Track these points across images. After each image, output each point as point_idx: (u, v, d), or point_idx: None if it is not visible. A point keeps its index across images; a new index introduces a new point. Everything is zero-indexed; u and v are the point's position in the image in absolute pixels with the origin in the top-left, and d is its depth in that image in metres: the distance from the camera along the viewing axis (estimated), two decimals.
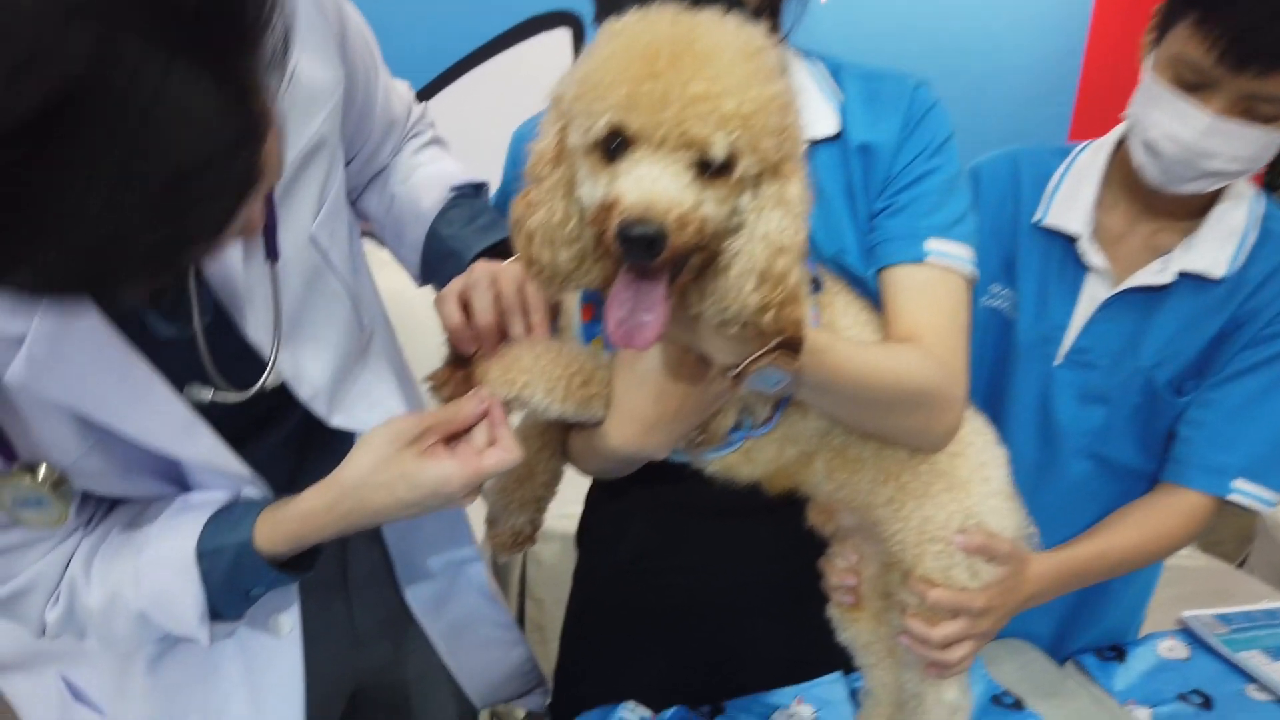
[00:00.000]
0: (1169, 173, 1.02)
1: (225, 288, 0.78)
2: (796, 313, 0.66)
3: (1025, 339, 1.16)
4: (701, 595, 1.10)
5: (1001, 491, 0.92)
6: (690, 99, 0.59)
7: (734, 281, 0.65)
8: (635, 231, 0.59)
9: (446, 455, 0.76)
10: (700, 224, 0.62)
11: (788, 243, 0.64)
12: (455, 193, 1.03)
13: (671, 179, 0.60)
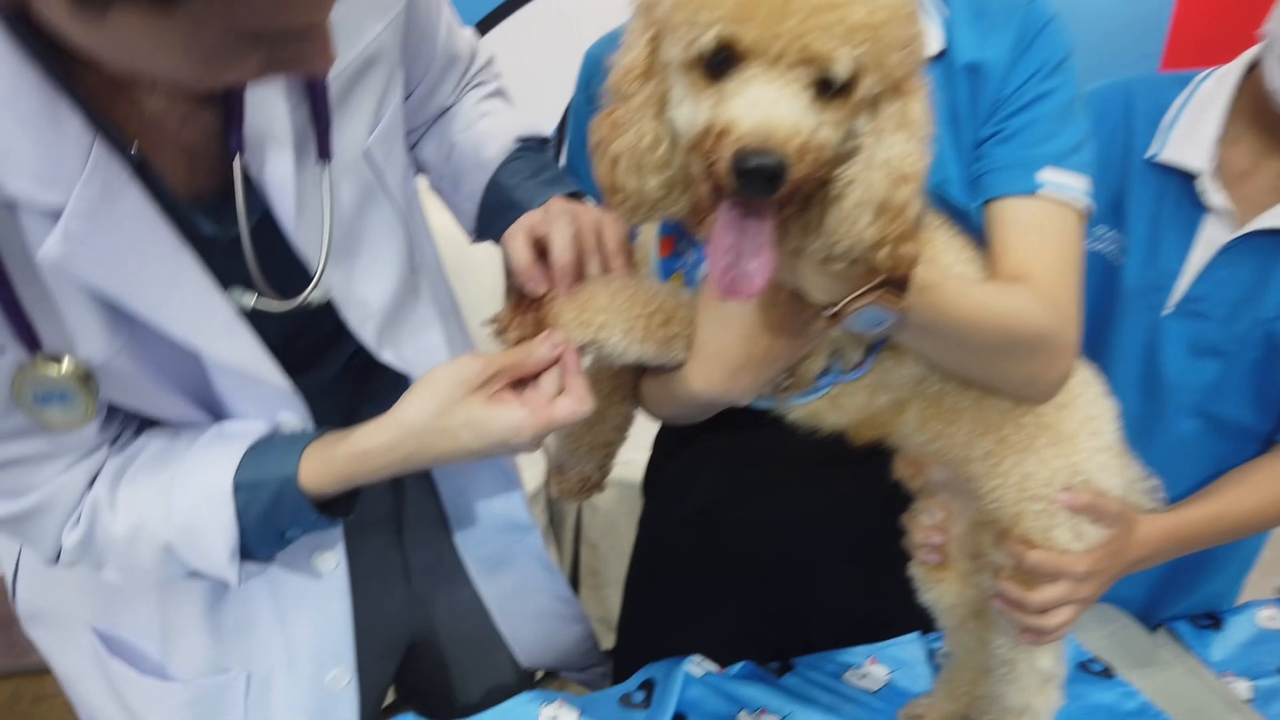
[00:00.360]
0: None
1: (275, 188, 0.73)
2: (914, 249, 0.59)
3: (1132, 286, 1.07)
4: (774, 550, 1.05)
5: (1111, 447, 0.85)
6: (814, 7, 0.51)
7: (849, 213, 0.58)
8: (753, 163, 0.52)
9: (516, 402, 0.71)
10: (819, 152, 0.55)
11: (910, 170, 0.57)
12: (520, 144, 0.97)
13: (790, 101, 0.53)
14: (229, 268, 0.72)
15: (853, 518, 1.02)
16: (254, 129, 0.70)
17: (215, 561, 0.76)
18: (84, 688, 0.93)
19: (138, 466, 0.77)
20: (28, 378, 0.66)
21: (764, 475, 1.02)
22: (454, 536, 1.04)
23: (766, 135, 0.52)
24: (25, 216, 0.62)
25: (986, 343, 0.73)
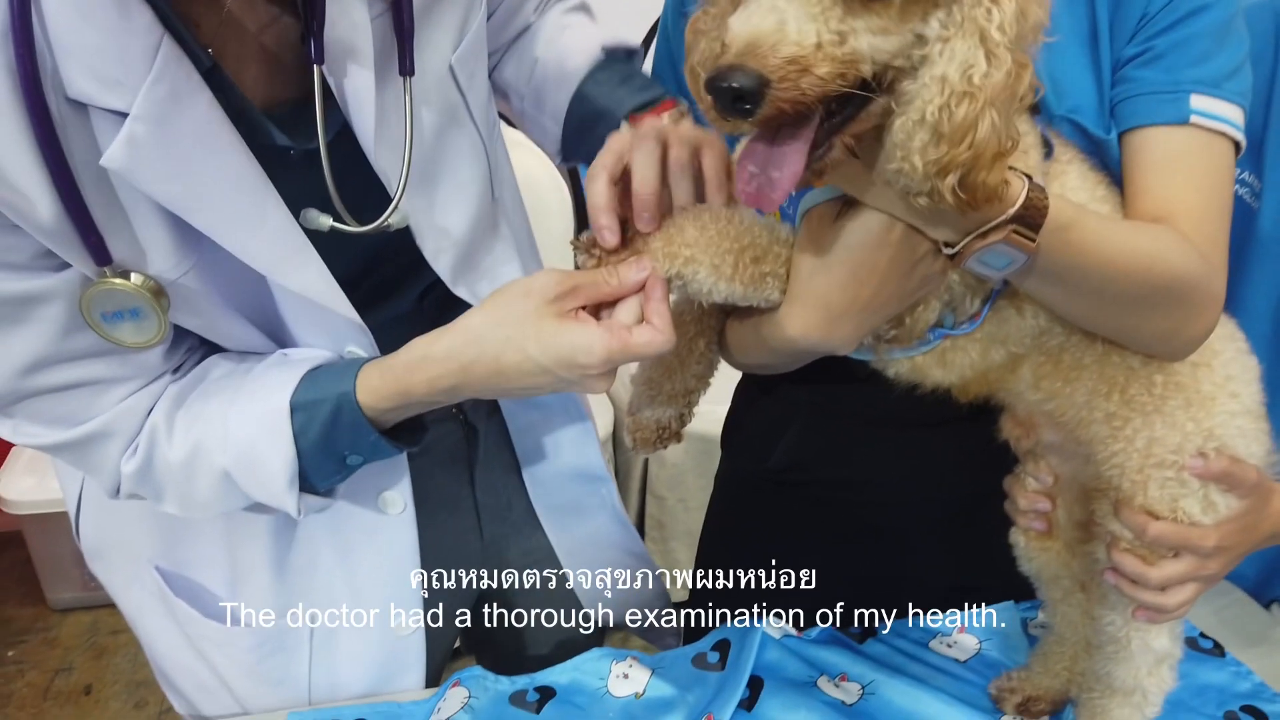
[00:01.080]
0: None
1: (355, 101, 0.69)
2: (995, 177, 0.52)
3: (1268, 234, 0.97)
4: (862, 512, 1.00)
5: (1251, 411, 0.77)
6: None
7: (900, 135, 0.52)
8: (722, 81, 0.47)
9: (594, 323, 0.65)
10: (848, 61, 0.49)
11: (975, 84, 0.50)
12: (606, 54, 0.92)
13: (797, 6, 0.48)
14: (304, 185, 0.69)
15: (947, 480, 0.96)
16: (334, 38, 0.66)
17: (274, 489, 0.73)
18: (148, 623, 0.93)
19: (197, 393, 0.74)
20: (96, 293, 0.64)
21: (854, 432, 0.96)
22: (526, 484, 1.01)
23: (747, 47, 0.47)
24: (96, 118, 0.59)
25: (1126, 291, 0.65)
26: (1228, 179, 0.73)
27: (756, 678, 0.94)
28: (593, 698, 0.93)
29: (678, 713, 0.91)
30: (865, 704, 0.93)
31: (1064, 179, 0.70)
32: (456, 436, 0.97)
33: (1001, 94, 0.52)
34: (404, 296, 0.85)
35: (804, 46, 0.48)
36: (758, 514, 1.06)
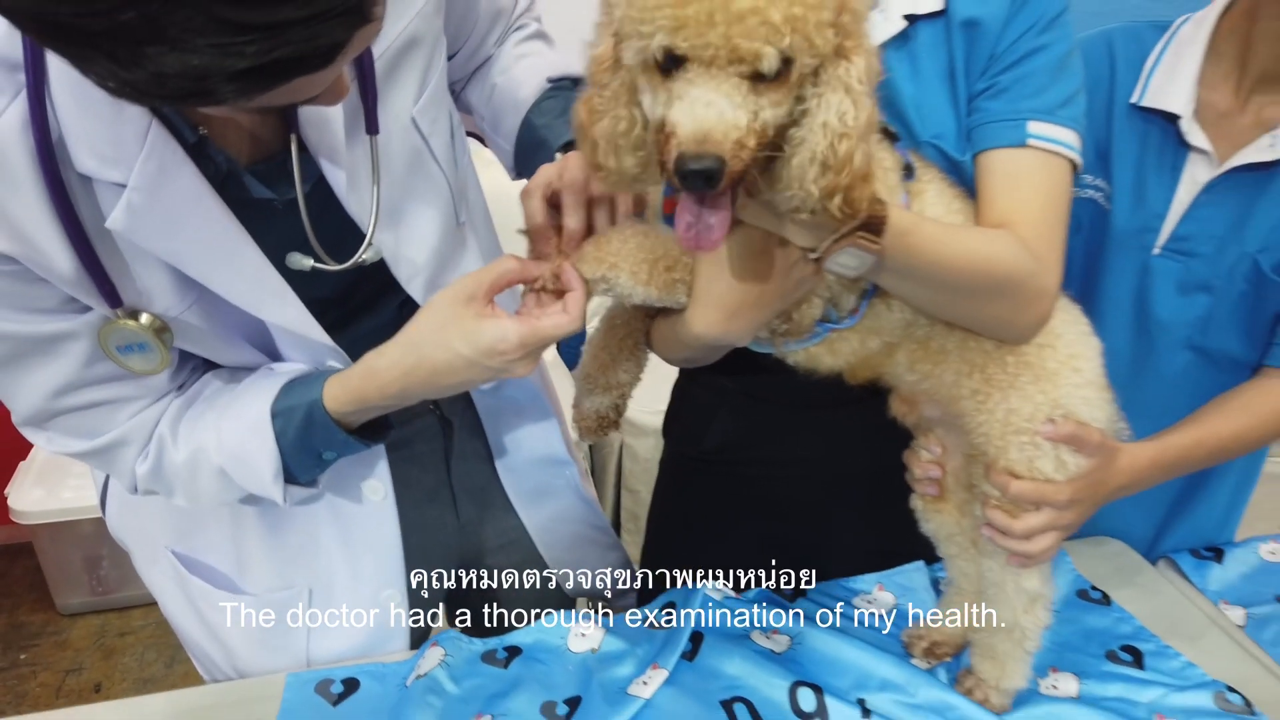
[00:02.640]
0: None
1: (328, 160, 0.81)
2: (866, 192, 0.65)
3: (1121, 229, 1.11)
4: (786, 485, 1.13)
5: (1093, 382, 0.90)
6: (735, 15, 0.57)
7: (796, 171, 0.64)
8: (692, 167, 0.58)
9: (506, 316, 0.78)
10: (761, 133, 0.61)
11: (849, 126, 0.63)
12: (552, 84, 1.04)
13: (725, 99, 0.59)
14: (288, 230, 0.81)
15: (859, 454, 1.09)
16: (307, 108, 0.78)
17: (263, 482, 0.86)
18: (166, 599, 1.06)
19: (196, 405, 0.88)
20: (111, 330, 0.77)
21: (775, 415, 1.10)
22: (498, 470, 1.13)
23: (703, 139, 0.58)
24: (100, 188, 0.72)
25: (962, 284, 0.79)
26: (1063, 191, 0.86)
27: (698, 633, 1.07)
28: (554, 654, 1.06)
29: (628, 664, 1.04)
30: (793, 652, 1.06)
31: (924, 196, 0.84)
32: (433, 429, 1.09)
33: (866, 130, 0.66)
34: (383, 311, 0.98)
35: (740, 129, 0.60)
36: (696, 492, 1.19)
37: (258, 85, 0.55)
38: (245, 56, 0.52)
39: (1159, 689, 1.01)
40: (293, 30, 0.52)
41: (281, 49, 0.53)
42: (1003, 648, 0.97)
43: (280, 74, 0.55)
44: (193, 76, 0.52)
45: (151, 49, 0.51)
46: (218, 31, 0.50)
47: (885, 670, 1.01)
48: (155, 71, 0.52)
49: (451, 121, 0.98)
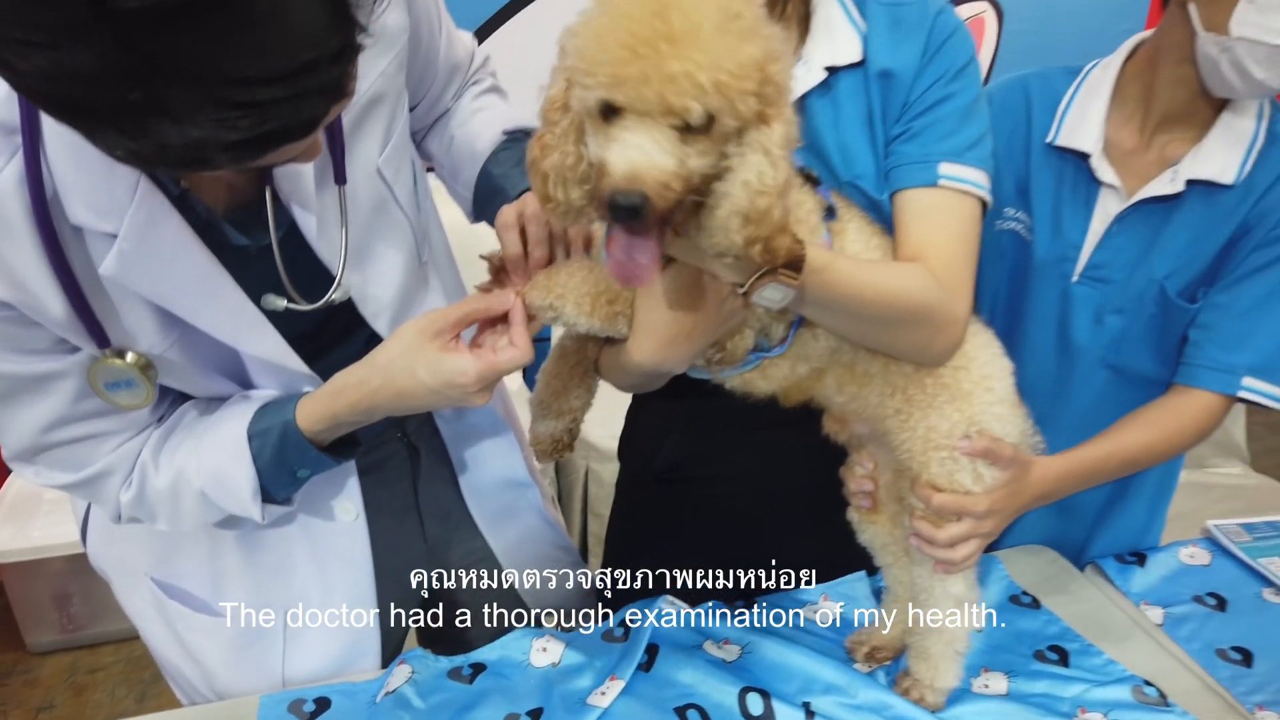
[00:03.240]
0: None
1: (300, 209, 0.88)
2: (784, 242, 0.73)
3: (1042, 259, 1.19)
4: (734, 502, 1.20)
5: (1005, 400, 0.98)
6: (667, 76, 0.65)
7: (720, 222, 0.71)
8: (620, 200, 0.66)
9: (467, 351, 0.85)
10: (686, 178, 0.69)
11: (767, 185, 0.70)
12: (507, 136, 1.11)
13: (655, 145, 0.67)
14: (264, 272, 0.88)
15: (799, 471, 1.15)
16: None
17: (242, 501, 0.92)
18: (146, 625, 1.10)
19: (175, 433, 0.93)
20: (99, 369, 0.83)
21: (720, 435, 1.17)
22: (463, 493, 1.19)
23: (631, 178, 0.66)
24: (91, 239, 0.78)
25: (877, 314, 0.87)
26: (971, 226, 0.95)
27: (653, 645, 1.13)
28: (517, 669, 1.12)
29: (587, 676, 1.10)
30: (744, 660, 1.12)
31: (845, 234, 0.92)
32: (401, 455, 1.15)
33: (783, 188, 0.73)
34: (353, 342, 1.03)
35: (666, 172, 0.67)
36: (650, 510, 1.25)
37: (248, 154, 0.62)
38: (238, 129, 0.58)
39: (1082, 684, 1.08)
40: (279, 106, 0.59)
41: (270, 123, 0.60)
42: (935, 649, 1.04)
43: (268, 143, 0.62)
44: (192, 147, 0.59)
45: (155, 124, 0.57)
46: (214, 108, 0.57)
47: (829, 674, 1.08)
48: (159, 143, 0.58)
49: (414, 169, 1.05)
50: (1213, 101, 1.09)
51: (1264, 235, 1.10)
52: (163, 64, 0.54)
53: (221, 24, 0.54)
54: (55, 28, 0.52)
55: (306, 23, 0.58)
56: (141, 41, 0.53)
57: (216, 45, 0.55)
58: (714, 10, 0.65)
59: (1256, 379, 1.10)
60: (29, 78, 0.56)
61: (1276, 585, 1.26)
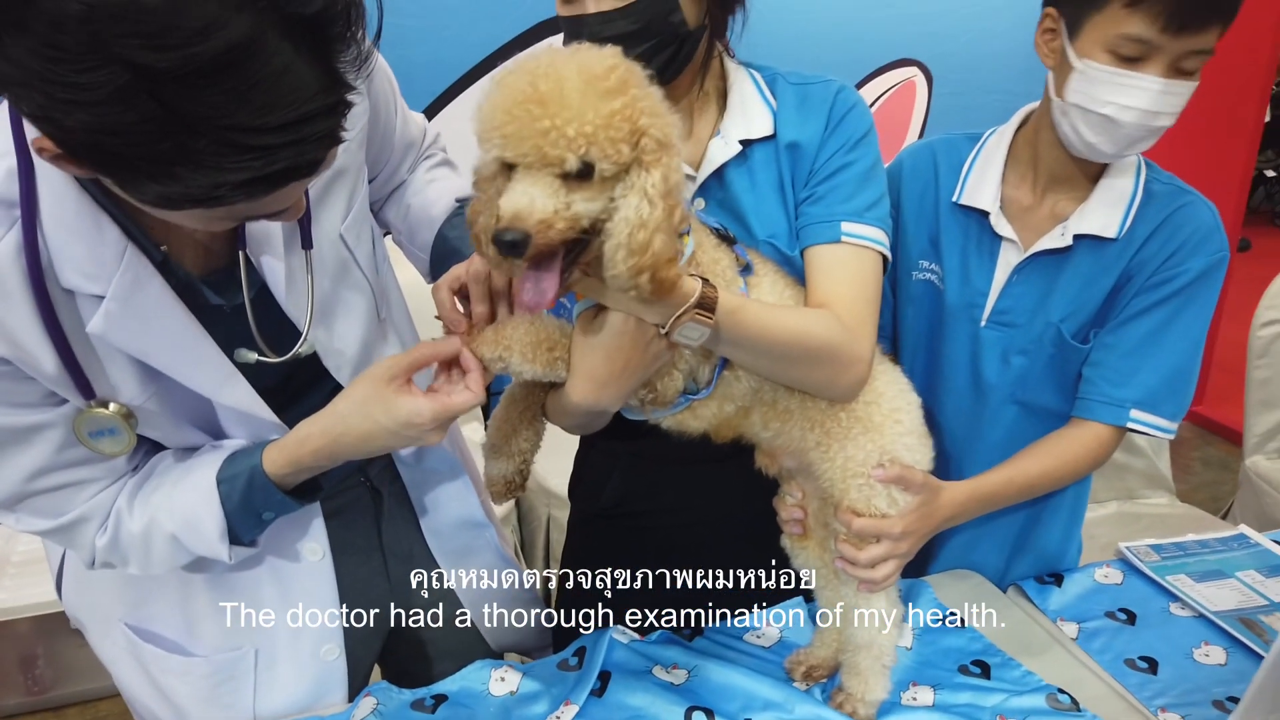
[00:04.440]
0: (1124, 139, 1.14)
1: (270, 271, 0.97)
2: (670, 273, 0.83)
3: (953, 305, 1.31)
4: (678, 534, 1.29)
5: (914, 431, 1.09)
6: (540, 131, 0.76)
7: (608, 254, 0.82)
8: (504, 237, 0.77)
9: (422, 394, 0.93)
10: (572, 220, 0.79)
11: (645, 220, 0.81)
12: (459, 203, 1.22)
13: (538, 190, 0.78)
14: (237, 328, 0.97)
15: (736, 502, 1.25)
16: (253, 228, 0.95)
17: (210, 543, 0.99)
18: (120, 670, 1.16)
19: (150, 481, 1.00)
20: (85, 419, 0.90)
21: (662, 472, 1.26)
22: (424, 534, 1.27)
23: (513, 218, 0.77)
24: (80, 300, 0.86)
25: (787, 353, 0.97)
26: (872, 276, 1.06)
27: (606, 672, 1.20)
28: (477, 698, 1.18)
29: (544, 702, 1.17)
30: (691, 684, 1.20)
31: (760, 286, 1.03)
32: (364, 498, 1.22)
33: (663, 223, 0.82)
34: (317, 394, 1.10)
35: (546, 213, 0.78)
36: (599, 543, 1.33)
37: (258, 191, 0.72)
38: (250, 169, 0.70)
39: (1002, 694, 1.17)
40: (285, 150, 0.70)
41: (278, 164, 0.71)
42: (865, 664, 1.12)
43: (276, 182, 0.73)
44: (210, 186, 0.70)
45: (182, 169, 0.68)
46: (231, 153, 0.68)
47: (769, 693, 1.16)
48: (184, 185, 0.69)
49: (373, 235, 1.15)
50: (1092, 163, 1.23)
51: (1144, 282, 1.22)
52: (189, 117, 0.65)
53: (237, 83, 0.65)
54: (99, 88, 0.63)
55: (305, 82, 0.69)
56: (172, 99, 0.64)
57: (233, 100, 0.65)
58: (576, 76, 0.78)
59: (1142, 411, 1.22)
60: (72, 132, 0.66)
61: (1182, 600, 1.37)
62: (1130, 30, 1.07)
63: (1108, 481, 2.30)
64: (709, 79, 1.09)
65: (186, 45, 0.62)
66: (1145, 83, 1.09)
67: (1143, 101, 1.10)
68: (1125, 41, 1.08)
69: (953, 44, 2.83)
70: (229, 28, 0.63)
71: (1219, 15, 1.05)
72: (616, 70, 0.81)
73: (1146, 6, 1.05)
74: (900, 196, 1.34)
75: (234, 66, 0.64)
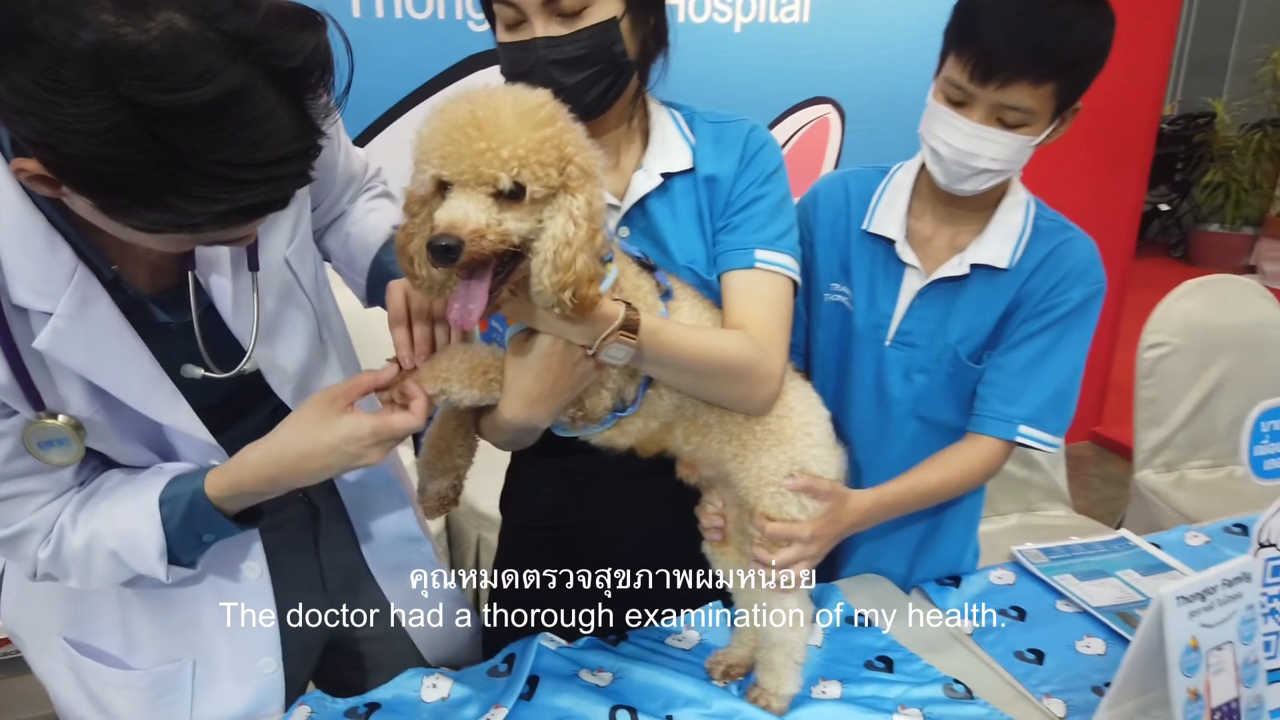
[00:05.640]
0: (950, 173, 1.27)
1: (217, 291, 1.02)
2: (591, 291, 0.91)
3: (861, 326, 1.42)
4: (604, 545, 1.35)
5: (823, 444, 1.18)
6: (477, 152, 0.84)
7: (535, 270, 0.89)
8: (437, 242, 0.83)
9: (363, 413, 0.98)
10: (503, 235, 0.86)
11: (570, 238, 0.88)
12: (395, 230, 1.27)
13: (472, 205, 0.85)
14: (184, 345, 1.01)
15: (660, 512, 1.32)
16: (203, 250, 1.00)
17: (149, 562, 1.02)
18: (57, 685, 1.17)
19: (95, 497, 1.03)
20: (34, 429, 0.94)
21: (589, 485, 1.33)
22: (362, 549, 1.31)
23: (448, 225, 0.83)
24: (31, 315, 0.90)
25: (704, 370, 1.06)
26: (783, 299, 1.15)
27: (534, 677, 1.26)
28: (410, 705, 1.23)
29: (474, 707, 1.22)
30: (616, 685, 1.27)
31: (680, 309, 1.11)
32: (303, 516, 1.26)
33: (585, 243, 0.90)
34: (261, 412, 1.16)
35: (479, 224, 0.84)
36: (529, 556, 1.39)
37: (233, 221, 0.80)
38: (228, 202, 0.77)
39: (903, 686, 1.27)
40: (260, 186, 0.78)
41: (252, 198, 0.78)
42: (778, 661, 1.20)
43: (251, 214, 0.81)
44: (193, 214, 0.76)
45: (169, 197, 0.74)
46: (216, 186, 0.74)
47: (690, 690, 1.23)
48: (171, 212, 0.75)
49: (315, 261, 1.21)
50: (985, 198, 1.34)
51: (1031, 309, 1.35)
52: (182, 151, 0.72)
53: (228, 124, 0.72)
54: (100, 120, 0.69)
55: (284, 126, 0.76)
56: (168, 134, 0.71)
57: (223, 139, 0.73)
58: (511, 106, 0.86)
59: (1029, 427, 1.34)
60: (69, 159, 0.72)
61: (1067, 597, 1.49)
62: (952, 75, 1.22)
63: (1009, 495, 2.45)
64: (636, 116, 1.18)
65: (186, 89, 0.70)
66: (959, 123, 1.22)
67: (957, 140, 1.23)
68: (950, 85, 1.23)
69: (865, 83, 2.98)
70: (224, 75, 0.71)
71: (1022, 75, 1.16)
72: (546, 105, 0.89)
73: (961, 57, 1.20)
74: (814, 223, 1.44)
75: (226, 110, 0.72)
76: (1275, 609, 1.22)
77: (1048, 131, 1.23)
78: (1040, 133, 1.22)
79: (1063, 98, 1.20)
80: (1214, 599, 1.11)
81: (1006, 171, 1.26)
